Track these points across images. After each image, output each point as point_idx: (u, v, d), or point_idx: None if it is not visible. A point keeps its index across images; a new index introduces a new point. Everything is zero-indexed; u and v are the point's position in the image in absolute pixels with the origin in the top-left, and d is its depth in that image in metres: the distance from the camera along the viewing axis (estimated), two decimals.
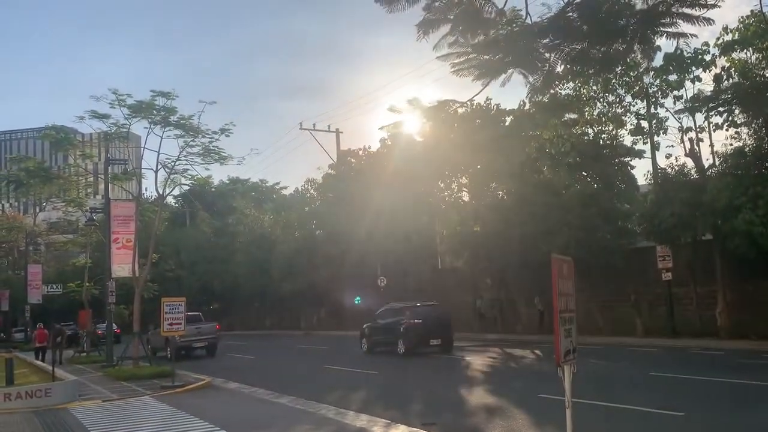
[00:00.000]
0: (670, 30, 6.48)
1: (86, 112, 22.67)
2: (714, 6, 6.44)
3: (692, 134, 25.64)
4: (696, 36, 6.68)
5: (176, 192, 63.58)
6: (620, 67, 22.03)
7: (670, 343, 23.21)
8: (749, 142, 23.55)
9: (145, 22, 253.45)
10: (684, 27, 6.48)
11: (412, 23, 6.95)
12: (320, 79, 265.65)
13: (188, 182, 26.07)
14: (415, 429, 10.66)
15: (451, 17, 6.64)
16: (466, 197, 36.24)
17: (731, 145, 24.05)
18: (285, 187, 77.29)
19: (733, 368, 16.51)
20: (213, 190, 70.53)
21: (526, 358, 22.27)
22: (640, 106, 27.69)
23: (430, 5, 6.79)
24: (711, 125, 25.16)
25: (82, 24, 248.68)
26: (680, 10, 6.26)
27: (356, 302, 42.00)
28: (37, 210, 62.51)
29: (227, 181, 74.56)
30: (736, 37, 23.23)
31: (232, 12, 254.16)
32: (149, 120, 22.68)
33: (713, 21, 6.66)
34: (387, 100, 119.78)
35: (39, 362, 28.88)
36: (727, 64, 23.81)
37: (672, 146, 71.23)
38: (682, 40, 6.84)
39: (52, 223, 58.04)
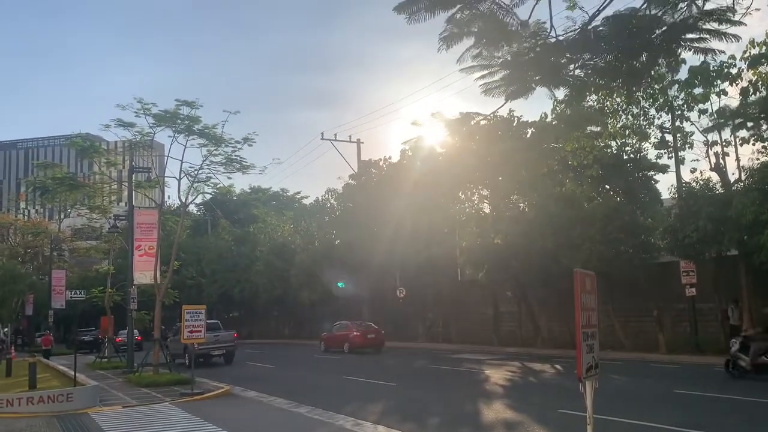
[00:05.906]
0: (697, 45, 6.42)
1: (112, 120, 23.00)
2: (739, 23, 6.37)
3: (718, 148, 25.30)
4: (723, 52, 6.63)
5: (198, 200, 64.71)
6: (645, 80, 21.84)
7: (693, 359, 22.80)
8: None
9: (170, 34, 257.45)
10: (711, 43, 6.42)
11: (433, 34, 6.99)
12: (342, 89, 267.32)
13: (210, 191, 26.37)
14: None
15: (475, 30, 6.64)
16: (486, 209, 36.07)
17: (758, 159, 23.68)
18: (306, 197, 77.89)
19: (758, 386, 16.16)
20: (235, 198, 71.37)
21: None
22: (665, 119, 27.42)
23: (451, 17, 6.78)
24: (737, 139, 24.82)
25: (108, 34, 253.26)
26: (706, 26, 6.20)
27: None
28: (62, 216, 63.44)
29: (249, 190, 75.37)
30: (763, 50, 22.93)
31: (255, 24, 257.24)
32: (173, 129, 22.96)
33: (740, 38, 6.58)
34: (408, 111, 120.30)
35: (61, 366, 29.33)
36: (754, 78, 23.50)
37: (697, 160, 70.25)
38: (710, 56, 6.78)
39: (76, 230, 58.88)
